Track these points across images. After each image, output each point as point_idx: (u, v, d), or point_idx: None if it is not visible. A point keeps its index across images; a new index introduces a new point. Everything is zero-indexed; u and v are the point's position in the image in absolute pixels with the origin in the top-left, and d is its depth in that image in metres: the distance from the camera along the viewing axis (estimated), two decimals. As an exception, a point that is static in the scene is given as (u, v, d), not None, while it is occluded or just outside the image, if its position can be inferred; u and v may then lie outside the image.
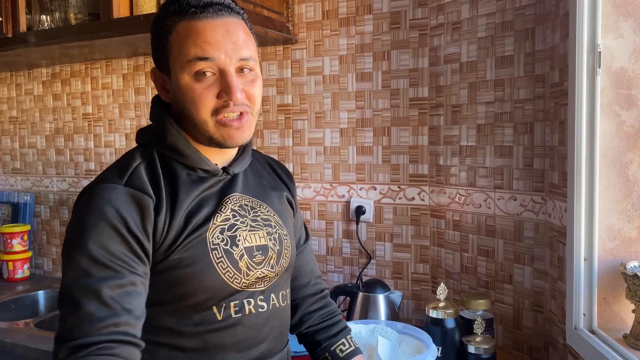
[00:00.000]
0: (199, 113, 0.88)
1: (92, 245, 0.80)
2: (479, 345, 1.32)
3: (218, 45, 0.86)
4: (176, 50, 0.88)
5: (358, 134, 1.77)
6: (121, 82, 2.18)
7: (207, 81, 0.87)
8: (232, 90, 0.87)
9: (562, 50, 1.26)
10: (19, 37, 1.86)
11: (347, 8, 1.76)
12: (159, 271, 0.86)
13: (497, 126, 1.49)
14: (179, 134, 0.91)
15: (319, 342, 1.09)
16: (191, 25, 0.87)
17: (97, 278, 0.78)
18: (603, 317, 1.18)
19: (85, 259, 0.79)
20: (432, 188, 1.67)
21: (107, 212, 0.81)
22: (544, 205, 1.41)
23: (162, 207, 0.85)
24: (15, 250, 2.24)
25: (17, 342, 1.59)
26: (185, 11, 0.87)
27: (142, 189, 0.85)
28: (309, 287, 1.13)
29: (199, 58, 0.86)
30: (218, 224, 0.90)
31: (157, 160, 0.91)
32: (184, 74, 0.87)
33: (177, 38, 0.88)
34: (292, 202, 1.10)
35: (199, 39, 0.86)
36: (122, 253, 0.81)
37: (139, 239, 0.83)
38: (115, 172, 0.87)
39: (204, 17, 0.87)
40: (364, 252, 1.78)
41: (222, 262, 0.88)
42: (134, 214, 0.82)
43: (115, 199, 0.82)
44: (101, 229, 0.80)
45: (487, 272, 1.54)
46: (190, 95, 0.87)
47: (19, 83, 2.44)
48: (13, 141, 2.48)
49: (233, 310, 0.90)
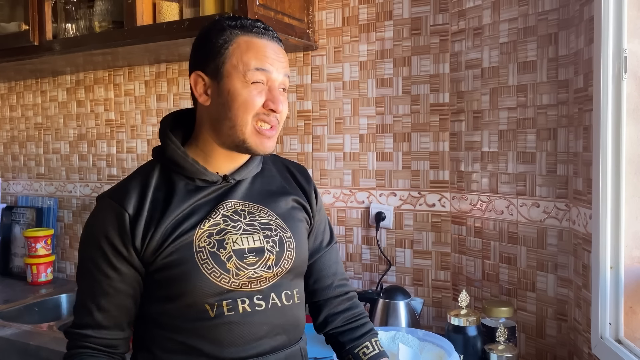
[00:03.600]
0: (244, 114, 0.97)
1: (85, 258, 1.00)
2: (502, 354, 1.30)
3: (273, 62, 0.99)
4: (235, 58, 0.97)
5: (378, 139, 1.77)
6: (143, 88, 2.21)
7: (259, 88, 0.98)
8: (277, 101, 0.99)
9: (587, 55, 1.24)
10: (45, 45, 1.90)
11: (367, 14, 1.76)
12: (153, 271, 0.97)
13: (520, 132, 1.48)
14: (177, 148, 1.01)
15: (343, 343, 1.11)
16: (253, 41, 0.98)
17: (84, 281, 1.00)
18: (630, 327, 1.16)
19: (81, 266, 1.01)
20: (453, 194, 1.66)
21: (97, 234, 0.97)
22: (568, 212, 1.39)
23: (141, 217, 0.96)
24: (39, 254, 2.28)
25: (41, 344, 1.61)
26: (248, 28, 0.99)
27: (119, 201, 0.97)
28: (331, 289, 1.14)
29: (258, 69, 0.97)
30: (206, 229, 0.98)
31: (154, 172, 1.02)
32: (239, 81, 0.97)
33: (238, 49, 0.98)
34: (307, 206, 1.13)
35: (260, 53, 0.98)
36: (103, 266, 0.97)
37: (119, 251, 0.96)
38: (114, 185, 1.03)
39: (264, 36, 1.00)
40: (384, 258, 1.77)
41: (207, 263, 0.96)
42: (114, 228, 0.96)
43: (102, 215, 0.98)
44: (91, 246, 0.98)
45: (510, 280, 1.52)
46: (242, 98, 0.97)
47: (44, 90, 2.49)
48: (38, 147, 2.53)
49: (226, 308, 0.97)
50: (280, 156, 1.20)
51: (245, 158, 1.06)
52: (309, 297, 1.15)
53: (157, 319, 0.99)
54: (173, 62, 2.11)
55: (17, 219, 2.49)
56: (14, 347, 1.66)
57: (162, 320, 0.99)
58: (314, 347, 1.40)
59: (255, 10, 1.53)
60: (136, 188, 0.99)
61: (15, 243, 2.47)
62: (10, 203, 2.61)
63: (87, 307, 0.98)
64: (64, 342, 1.03)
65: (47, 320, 1.96)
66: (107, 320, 0.98)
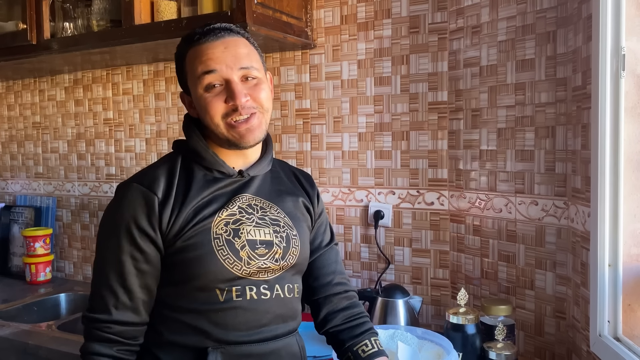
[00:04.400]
0: (211, 118, 1.03)
1: (109, 240, 1.02)
2: (501, 352, 1.30)
3: (219, 60, 1.02)
4: (189, 71, 1.05)
5: (376, 138, 1.77)
6: (142, 87, 2.20)
7: (215, 91, 1.03)
8: (235, 95, 1.02)
9: (585, 53, 1.24)
10: (43, 44, 1.90)
11: (365, 13, 1.76)
12: (171, 254, 1.01)
13: (518, 130, 1.48)
14: (200, 140, 1.07)
15: (343, 341, 1.12)
16: (197, 49, 1.04)
17: (107, 265, 1.01)
18: (628, 324, 1.16)
19: (105, 249, 1.02)
20: (452, 193, 1.66)
21: (124, 215, 1.00)
22: (567, 210, 1.39)
23: (169, 202, 1.00)
24: (37, 253, 2.28)
25: (39, 344, 1.61)
26: (192, 39, 1.05)
27: (149, 186, 1.01)
28: (330, 286, 1.17)
29: (205, 72, 1.02)
30: (223, 218, 1.03)
31: (178, 162, 1.07)
32: (198, 89, 1.03)
33: (189, 61, 1.05)
34: (310, 209, 1.18)
35: (203, 57, 1.03)
36: (129, 249, 1.00)
37: (147, 233, 0.99)
38: (139, 172, 1.07)
39: (206, 40, 1.04)
40: (383, 257, 1.77)
41: (222, 249, 1.01)
42: (142, 211, 1.00)
43: (129, 198, 1.01)
44: (117, 228, 1.00)
45: (508, 278, 1.53)
46: (203, 104, 1.03)
47: (42, 89, 2.48)
48: (36, 146, 2.53)
49: (235, 294, 1.01)
50: (286, 162, 1.27)
51: (254, 156, 1.12)
52: (309, 295, 1.18)
53: (166, 300, 1.03)
54: (171, 61, 2.08)
55: (16, 218, 2.48)
56: (13, 346, 1.66)
57: (171, 302, 1.03)
58: (314, 347, 1.40)
59: (254, 9, 1.53)
60: (163, 175, 1.04)
61: (14, 242, 2.46)
62: (8, 202, 2.61)
63: (112, 289, 1.00)
64: (63, 341, 1.04)
65: (46, 319, 1.96)
66: (132, 302, 1.00)
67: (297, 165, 1.88)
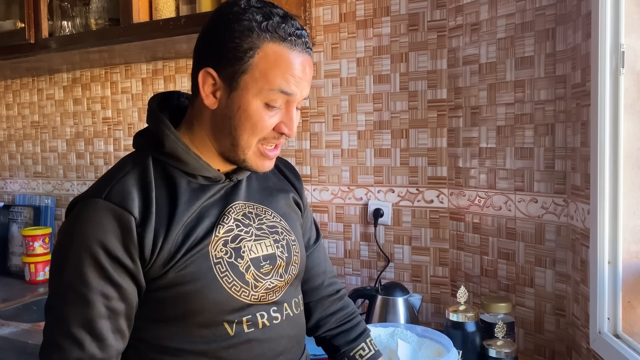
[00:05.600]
0: (250, 137, 0.86)
1: (69, 272, 0.80)
2: (501, 349, 1.30)
3: (299, 83, 0.85)
4: (259, 71, 0.83)
5: (376, 136, 1.76)
6: (140, 86, 2.20)
7: (274, 112, 0.86)
8: (292, 124, 0.87)
9: (584, 51, 1.24)
10: (41, 42, 1.90)
11: (364, 10, 1.76)
12: (159, 288, 0.83)
13: (518, 128, 1.48)
14: (178, 140, 0.87)
15: (338, 347, 1.07)
16: (284, 54, 0.83)
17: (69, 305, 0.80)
18: (628, 322, 1.16)
19: (61, 285, 0.80)
20: (452, 190, 1.66)
21: (88, 239, 0.78)
22: (566, 208, 1.39)
23: (150, 222, 0.81)
24: (37, 252, 2.27)
25: (39, 343, 1.60)
26: (280, 35, 0.83)
27: (120, 204, 0.80)
28: (322, 288, 1.10)
29: (283, 91, 0.84)
30: (221, 236, 0.87)
31: (150, 167, 0.86)
32: (257, 99, 0.84)
33: (265, 60, 0.83)
34: (300, 203, 1.06)
35: (288, 71, 0.84)
36: (98, 283, 0.79)
37: (121, 263, 0.80)
38: (101, 183, 0.84)
39: (295, 48, 0.84)
40: (382, 255, 1.77)
41: (227, 275, 0.85)
42: (114, 235, 0.79)
43: (95, 219, 0.79)
44: (79, 256, 0.79)
45: (508, 275, 1.53)
46: (254, 120, 0.85)
47: (41, 88, 2.48)
48: (35, 145, 2.53)
49: (246, 325, 0.87)
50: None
51: None
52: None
53: (155, 344, 0.85)
54: (170, 59, 2.10)
55: (15, 217, 2.48)
56: (12, 345, 1.66)
57: (163, 345, 0.85)
58: (309, 345, 1.40)
59: (252, 7, 1.53)
60: (135, 186, 0.83)
61: (13, 242, 2.46)
62: (7, 202, 2.61)
63: (76, 337, 0.79)
64: None
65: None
66: (103, 351, 0.80)
67: (296, 164, 1.88)
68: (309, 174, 1.87)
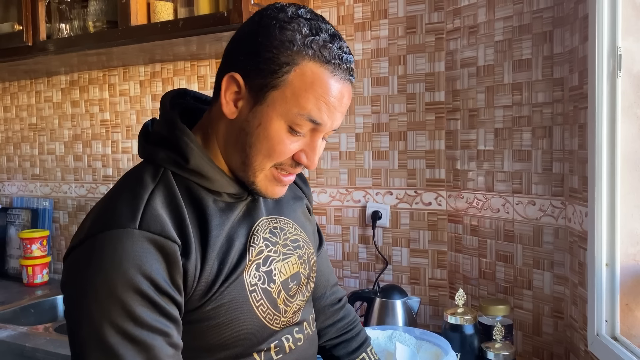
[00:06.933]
0: (264, 160, 0.77)
1: (116, 317, 0.66)
2: (499, 352, 1.30)
3: (332, 113, 0.76)
4: (291, 91, 0.74)
5: (374, 138, 1.77)
6: (138, 88, 2.20)
7: (297, 139, 0.77)
8: (314, 159, 0.79)
9: (582, 53, 1.24)
10: (39, 45, 1.89)
11: (362, 13, 1.76)
12: (193, 321, 0.75)
13: (515, 130, 1.48)
14: (204, 155, 0.78)
15: (338, 358, 1.06)
16: (323, 76, 0.74)
17: (129, 359, 0.66)
18: (626, 324, 1.16)
19: (110, 335, 0.65)
20: (450, 193, 1.66)
21: (128, 271, 0.66)
22: (564, 210, 1.39)
23: (192, 250, 0.72)
24: (34, 255, 2.27)
25: (36, 346, 1.60)
26: (324, 56, 0.74)
27: (162, 232, 0.69)
28: (324, 298, 1.07)
29: (311, 119, 0.75)
30: (254, 260, 0.79)
31: (175, 186, 0.76)
32: (282, 120, 0.75)
33: (302, 79, 0.73)
34: (310, 209, 1.03)
35: (323, 97, 0.74)
36: (155, 320, 0.68)
37: (171, 297, 0.70)
38: (124, 207, 0.71)
39: (338, 74, 0.75)
40: (381, 257, 1.77)
41: (262, 304, 0.79)
42: (159, 266, 0.68)
43: (133, 251, 0.67)
44: (124, 295, 0.66)
45: (506, 278, 1.53)
46: (273, 142, 0.75)
47: (39, 90, 2.47)
48: (32, 148, 2.52)
49: (274, 351, 0.82)
50: None
51: None
52: None
53: None
54: (168, 61, 2.10)
55: (12, 220, 2.47)
56: (9, 349, 1.66)
57: None
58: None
59: (250, 9, 1.53)
60: (165, 210, 0.72)
61: (11, 244, 2.45)
62: (5, 204, 2.60)
63: None
64: (61, 344, 1.00)
65: (43, 321, 1.95)
66: None
67: (294, 166, 1.87)
68: (307, 176, 1.87)
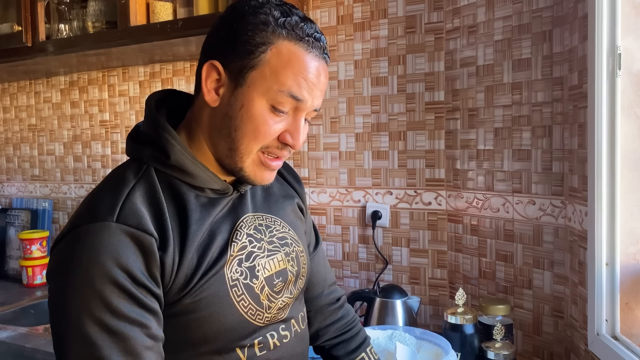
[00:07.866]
0: (251, 143, 0.78)
1: (94, 308, 0.67)
2: (499, 352, 1.30)
3: (312, 89, 0.78)
4: (269, 69, 0.76)
5: (374, 138, 1.76)
6: (138, 89, 2.20)
7: (281, 119, 0.78)
8: (298, 138, 0.80)
9: (581, 53, 1.24)
10: (38, 46, 1.89)
11: (362, 13, 1.76)
12: (172, 315, 0.76)
13: (515, 130, 1.48)
14: (184, 150, 0.79)
15: (337, 357, 1.05)
16: (299, 54, 0.76)
17: (106, 349, 0.67)
18: (626, 323, 1.16)
19: (88, 326, 0.67)
20: (449, 192, 1.66)
21: (105, 264, 0.68)
22: (564, 209, 1.39)
23: (169, 244, 0.73)
24: (34, 256, 2.26)
25: (37, 347, 1.60)
26: (297, 34, 0.76)
27: (139, 225, 0.71)
28: (322, 297, 1.06)
29: (292, 95, 0.77)
30: (235, 255, 0.80)
31: (156, 181, 0.78)
32: (263, 99, 0.76)
33: (278, 57, 0.75)
34: (303, 208, 1.02)
35: (301, 73, 0.76)
36: (133, 311, 0.69)
37: (148, 288, 0.71)
38: (104, 202, 0.73)
39: (311, 51, 0.77)
40: (381, 257, 1.77)
41: (243, 299, 0.79)
42: (135, 259, 0.70)
43: (110, 244, 0.68)
44: (101, 286, 0.67)
45: (506, 277, 1.53)
46: (257, 122, 0.77)
47: (38, 91, 2.47)
48: (32, 148, 2.52)
49: (257, 348, 0.82)
50: None
51: None
52: None
53: None
54: (167, 62, 2.10)
55: (12, 221, 2.47)
56: (9, 350, 1.66)
57: None
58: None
59: (250, 10, 1.53)
60: (145, 204, 0.74)
61: (10, 245, 2.45)
62: (4, 205, 2.60)
63: None
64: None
65: (43, 322, 1.95)
66: None
67: (294, 167, 1.88)
68: (306, 177, 1.87)
